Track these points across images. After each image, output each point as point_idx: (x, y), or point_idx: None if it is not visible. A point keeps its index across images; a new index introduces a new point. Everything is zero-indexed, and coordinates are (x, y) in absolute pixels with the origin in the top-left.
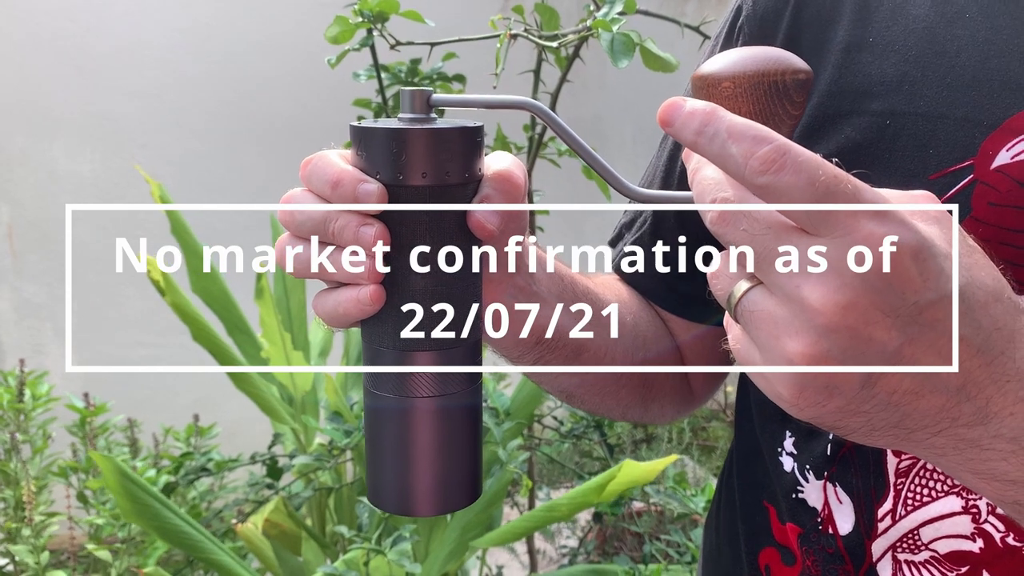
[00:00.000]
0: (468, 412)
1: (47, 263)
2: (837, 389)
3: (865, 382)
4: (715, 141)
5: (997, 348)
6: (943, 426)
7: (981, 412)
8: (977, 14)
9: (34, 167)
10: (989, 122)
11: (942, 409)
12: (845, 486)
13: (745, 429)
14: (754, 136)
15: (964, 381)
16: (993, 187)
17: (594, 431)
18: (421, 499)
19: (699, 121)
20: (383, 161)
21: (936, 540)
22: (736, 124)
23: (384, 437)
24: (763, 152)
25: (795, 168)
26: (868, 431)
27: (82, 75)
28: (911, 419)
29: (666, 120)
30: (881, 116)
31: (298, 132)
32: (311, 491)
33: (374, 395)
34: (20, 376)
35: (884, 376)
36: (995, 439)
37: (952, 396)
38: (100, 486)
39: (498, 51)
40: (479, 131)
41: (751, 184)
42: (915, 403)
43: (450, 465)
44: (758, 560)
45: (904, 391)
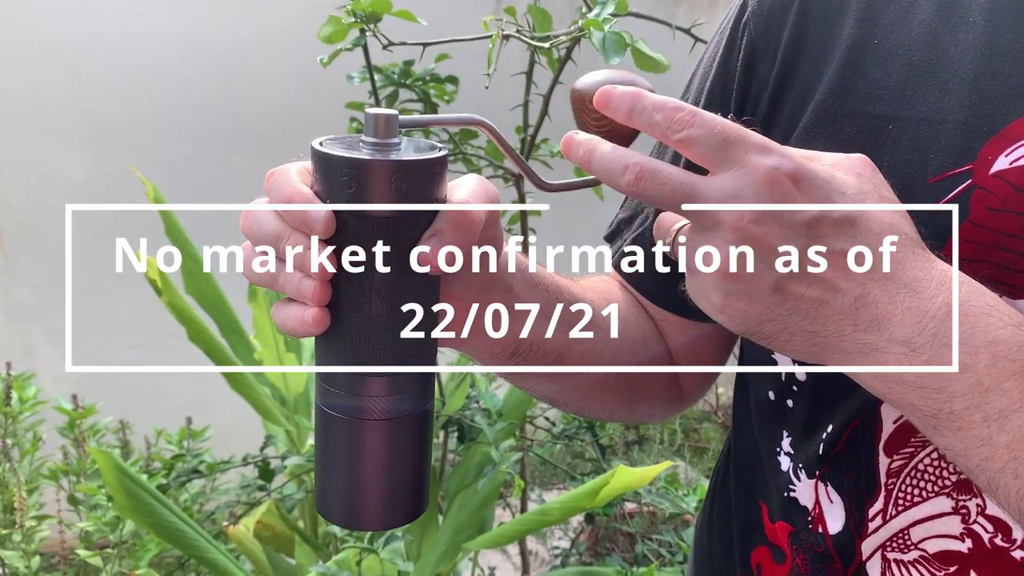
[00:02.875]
0: (417, 430)
1: (38, 265)
2: (754, 297)
3: (774, 288)
4: (644, 114)
5: (891, 267)
6: (847, 332)
7: (875, 320)
8: (981, 19)
9: (24, 169)
10: (989, 128)
11: (846, 315)
12: (836, 485)
13: (743, 430)
14: (673, 106)
15: (861, 292)
16: (991, 192)
17: (586, 432)
18: (368, 514)
19: (631, 100)
20: (336, 187)
21: (925, 540)
22: (657, 99)
23: (334, 452)
24: (680, 116)
25: (701, 123)
26: (788, 338)
27: (72, 77)
28: (820, 324)
29: (600, 103)
30: (883, 120)
31: (290, 133)
32: (303, 493)
33: (324, 413)
34: (7, 379)
35: (790, 282)
36: (890, 343)
37: (851, 304)
38: (91, 490)
39: (490, 52)
40: (438, 162)
41: (672, 140)
42: (822, 310)
43: (397, 482)
44: (750, 559)
45: (810, 299)
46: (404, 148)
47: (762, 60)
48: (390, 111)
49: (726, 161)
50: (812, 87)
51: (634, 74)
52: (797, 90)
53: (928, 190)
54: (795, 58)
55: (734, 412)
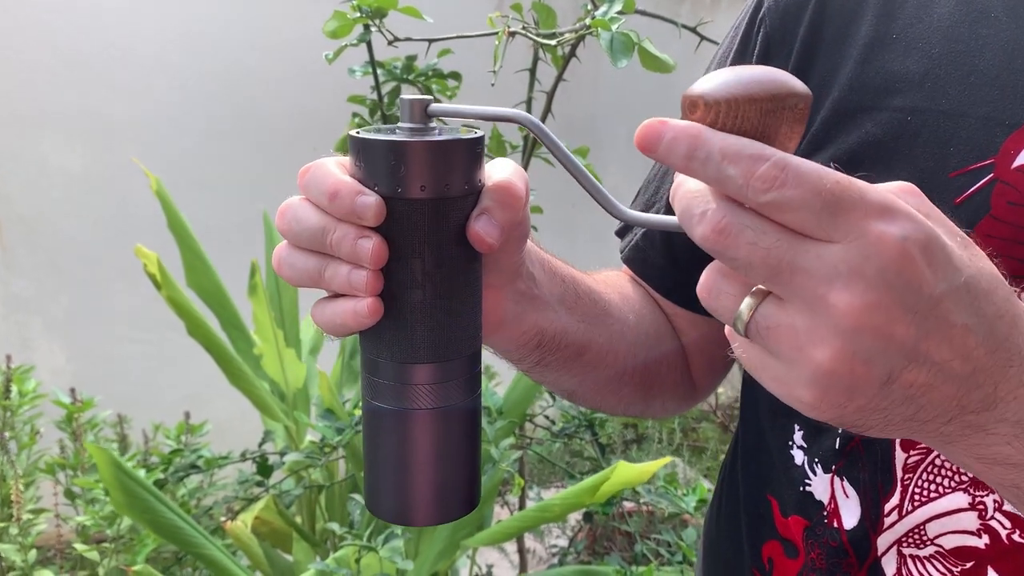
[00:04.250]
0: (467, 421)
1: (36, 258)
2: (859, 390)
3: (886, 380)
4: (709, 164)
5: (1001, 334)
6: (953, 414)
7: (988, 398)
8: (1002, 14)
9: (24, 162)
10: (1011, 122)
11: (953, 398)
12: (852, 480)
13: (751, 423)
14: (750, 155)
15: (973, 369)
16: (1013, 186)
17: (585, 431)
18: (419, 509)
19: (686, 145)
20: (382, 173)
21: (942, 536)
22: (729, 144)
23: (382, 446)
24: (763, 171)
25: (798, 181)
26: (884, 426)
27: (72, 71)
28: (925, 411)
29: (647, 146)
30: (902, 113)
31: (292, 128)
32: (302, 489)
33: (372, 405)
34: (7, 372)
35: (903, 372)
36: (999, 423)
37: (963, 385)
38: (88, 484)
39: (496, 48)
40: (479, 142)
41: (755, 203)
42: (929, 395)
43: (448, 475)
44: (761, 553)
45: (920, 384)
46: (441, 131)
47: (777, 55)
48: (425, 96)
49: (836, 230)
50: (829, 82)
51: (772, 68)
52: (813, 85)
53: (949, 184)
54: (812, 53)
55: (742, 406)
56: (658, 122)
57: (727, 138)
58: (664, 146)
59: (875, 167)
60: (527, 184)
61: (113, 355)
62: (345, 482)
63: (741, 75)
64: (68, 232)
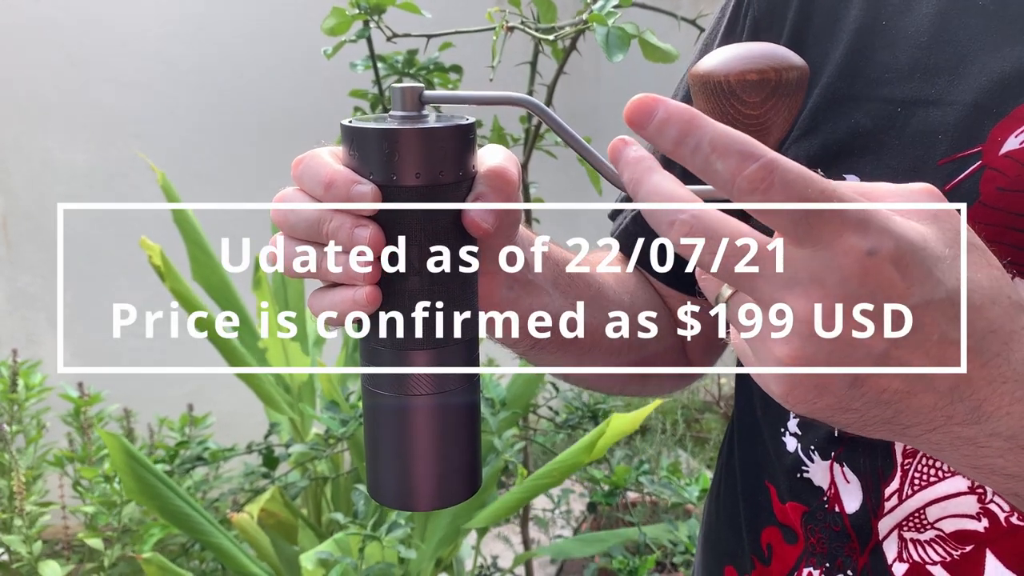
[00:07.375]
0: (466, 407)
1: (41, 253)
2: (826, 388)
3: (853, 382)
4: (698, 154)
5: (991, 350)
6: (938, 423)
7: (975, 412)
8: (990, 3)
9: (27, 157)
10: (999, 110)
11: (935, 407)
12: (853, 466)
13: (745, 410)
14: (740, 151)
15: (956, 382)
16: (1002, 172)
17: (589, 422)
18: (420, 494)
19: (677, 130)
20: (376, 161)
21: (942, 519)
22: (720, 136)
23: (383, 433)
24: (750, 171)
25: (783, 186)
26: (861, 426)
27: (74, 64)
28: (904, 416)
29: (637, 121)
30: (891, 103)
31: (293, 122)
32: (307, 480)
33: (372, 392)
34: (13, 366)
35: (872, 376)
36: (991, 437)
37: (944, 396)
38: (95, 475)
39: (494, 43)
40: (472, 128)
41: (738, 200)
42: (906, 401)
43: (449, 460)
44: (760, 539)
45: (894, 390)
46: (433, 119)
47: (765, 39)
48: (416, 84)
49: (809, 238)
50: (818, 69)
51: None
52: None
53: (937, 172)
54: (800, 39)
55: (736, 393)
56: (652, 98)
57: (718, 129)
58: (655, 125)
59: (865, 157)
60: (519, 168)
61: (117, 350)
62: (350, 474)
63: (745, 51)
64: (72, 227)
